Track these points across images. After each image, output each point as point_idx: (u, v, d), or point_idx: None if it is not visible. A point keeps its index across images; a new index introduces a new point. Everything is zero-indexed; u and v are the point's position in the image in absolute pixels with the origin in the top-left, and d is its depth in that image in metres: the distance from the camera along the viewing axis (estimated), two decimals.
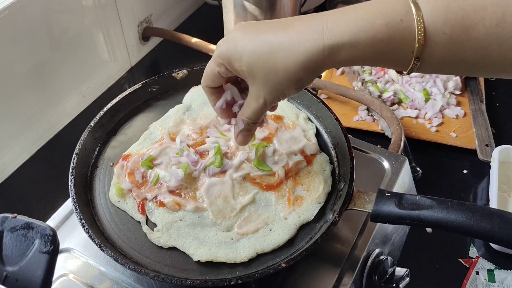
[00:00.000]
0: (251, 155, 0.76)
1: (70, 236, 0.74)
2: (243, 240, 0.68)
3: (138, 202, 0.72)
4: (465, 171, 1.07)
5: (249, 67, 0.57)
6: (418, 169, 1.03)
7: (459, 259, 0.92)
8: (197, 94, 0.87)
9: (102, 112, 0.81)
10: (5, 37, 0.93)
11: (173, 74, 0.89)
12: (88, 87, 1.19)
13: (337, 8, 0.55)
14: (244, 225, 0.70)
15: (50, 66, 1.06)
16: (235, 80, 0.67)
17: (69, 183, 0.71)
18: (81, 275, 0.71)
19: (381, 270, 0.75)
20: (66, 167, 0.73)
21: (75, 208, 0.68)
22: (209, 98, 0.68)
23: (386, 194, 0.66)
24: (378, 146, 0.88)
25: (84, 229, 0.66)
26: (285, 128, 0.82)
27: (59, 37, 1.06)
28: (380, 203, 0.65)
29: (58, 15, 1.04)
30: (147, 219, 0.71)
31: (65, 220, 0.77)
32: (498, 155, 1.01)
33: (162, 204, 0.72)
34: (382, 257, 0.75)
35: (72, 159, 0.74)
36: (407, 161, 0.85)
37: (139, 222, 0.71)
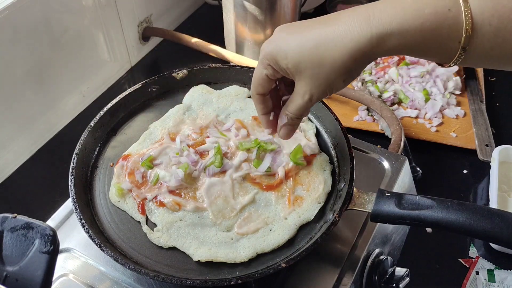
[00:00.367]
0: (251, 155, 0.76)
1: (70, 236, 0.74)
2: (243, 240, 0.68)
3: (138, 202, 0.72)
4: (465, 171, 1.07)
5: (295, 64, 0.57)
6: (418, 169, 1.03)
7: (459, 259, 0.92)
8: (197, 94, 0.87)
9: (102, 112, 0.81)
10: (5, 37, 0.93)
11: (173, 74, 0.89)
12: (88, 87, 1.19)
13: (381, 0, 0.55)
14: (244, 225, 0.70)
15: (50, 66, 1.06)
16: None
17: (69, 183, 0.71)
18: (81, 275, 0.71)
19: (381, 270, 0.75)
20: (66, 167, 0.73)
21: (75, 208, 0.68)
22: (258, 107, 0.68)
23: (386, 194, 0.66)
24: (378, 146, 0.88)
25: (84, 229, 0.66)
26: None
27: (59, 37, 1.06)
28: (380, 203, 0.65)
29: (58, 15, 1.04)
30: (147, 219, 0.71)
31: (65, 220, 0.77)
32: (498, 155, 1.01)
33: (162, 204, 0.72)
34: (382, 257, 0.75)
35: (72, 159, 0.74)
36: (407, 161, 0.86)
37: (139, 222, 0.71)
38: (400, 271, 0.75)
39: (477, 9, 0.51)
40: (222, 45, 1.26)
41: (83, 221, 0.66)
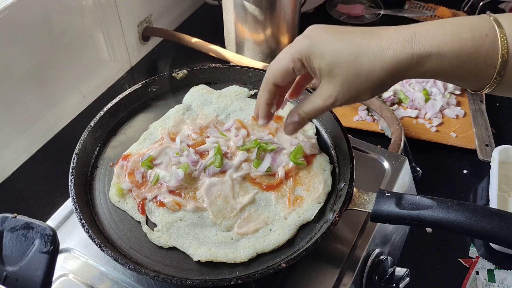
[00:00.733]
0: (251, 155, 0.76)
1: (70, 236, 0.74)
2: (243, 240, 0.68)
3: (138, 202, 0.72)
4: (465, 171, 1.07)
5: (330, 66, 0.57)
6: (418, 169, 1.03)
7: (459, 259, 0.92)
8: (197, 94, 0.87)
9: (102, 112, 0.81)
10: (5, 37, 0.93)
11: (173, 74, 0.89)
12: (88, 87, 1.19)
13: (422, 22, 0.58)
14: (244, 225, 0.70)
15: (50, 66, 1.06)
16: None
17: (69, 183, 0.71)
18: (81, 275, 0.71)
19: (381, 270, 0.75)
20: (66, 167, 0.73)
21: (75, 208, 0.68)
22: (265, 96, 0.66)
23: (386, 194, 0.66)
24: (378, 146, 0.88)
25: (84, 229, 0.66)
26: None
27: (59, 37, 1.06)
28: (380, 203, 0.65)
29: (58, 15, 1.04)
30: (147, 219, 0.71)
31: (65, 220, 0.77)
32: (498, 155, 1.01)
33: (162, 204, 0.72)
34: (382, 257, 0.75)
35: (72, 159, 0.74)
36: (407, 161, 0.86)
37: (139, 222, 0.71)
38: (400, 271, 0.75)
39: None
40: (222, 45, 1.26)
41: (83, 221, 0.67)
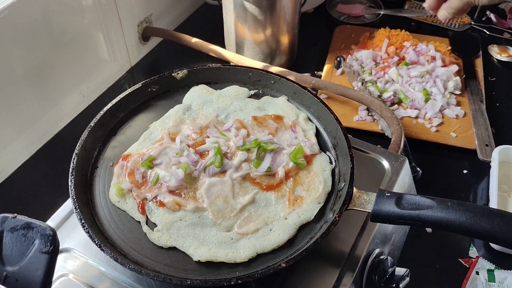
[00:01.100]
0: (251, 155, 0.76)
1: (70, 236, 0.74)
2: (243, 240, 0.68)
3: (138, 202, 0.72)
4: (465, 171, 1.07)
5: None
6: (418, 169, 1.03)
7: (459, 259, 0.92)
8: (197, 94, 0.87)
9: (102, 112, 0.81)
10: (5, 37, 0.93)
11: (173, 74, 0.89)
12: (88, 87, 1.19)
13: None
14: (244, 225, 0.70)
15: (50, 66, 1.06)
16: None
17: (69, 183, 0.71)
18: (81, 275, 0.71)
19: (381, 270, 0.75)
20: (66, 167, 0.73)
21: (75, 208, 0.68)
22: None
23: (386, 194, 0.66)
24: (378, 146, 0.88)
25: (84, 229, 0.66)
26: (285, 128, 0.82)
27: (59, 37, 1.06)
28: (380, 203, 0.65)
29: (58, 15, 1.04)
30: (147, 219, 0.71)
31: (65, 220, 0.77)
32: (498, 155, 1.01)
33: (162, 204, 0.72)
34: (382, 257, 0.75)
35: (72, 159, 0.74)
36: (407, 161, 0.86)
37: (139, 222, 0.71)
38: (400, 271, 0.75)
39: None
40: (222, 45, 1.27)
41: (83, 221, 0.67)
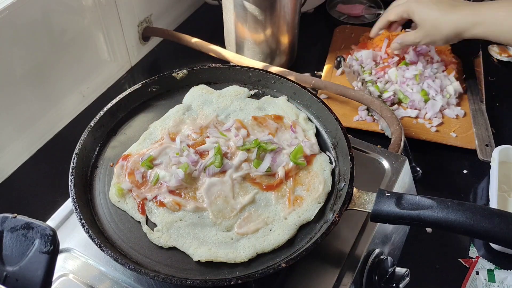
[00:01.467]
0: (251, 155, 0.76)
1: (70, 236, 0.74)
2: (243, 240, 0.68)
3: (138, 202, 0.72)
4: (465, 171, 1.07)
5: (421, 21, 1.09)
6: (418, 169, 1.03)
7: (459, 259, 0.92)
8: (197, 94, 0.87)
9: (102, 112, 0.81)
10: (5, 37, 0.93)
11: (173, 74, 0.89)
12: (88, 87, 1.19)
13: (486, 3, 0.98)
14: (244, 225, 0.70)
15: (50, 66, 1.06)
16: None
17: (69, 183, 0.71)
18: (81, 275, 0.71)
19: (381, 270, 0.75)
20: (66, 167, 0.73)
21: (75, 208, 0.68)
22: (380, 25, 1.20)
23: (386, 194, 0.66)
24: (378, 146, 0.88)
25: (84, 229, 0.66)
26: (285, 128, 0.82)
27: (59, 37, 1.06)
28: (380, 203, 0.65)
29: (58, 15, 1.04)
30: (147, 219, 0.71)
31: (65, 220, 0.77)
32: (498, 155, 1.01)
33: (162, 204, 0.72)
34: (382, 257, 0.75)
35: (72, 159, 0.74)
36: (407, 161, 0.86)
37: (139, 222, 0.71)
38: (400, 271, 0.75)
39: None
40: (222, 45, 1.26)
41: (83, 221, 0.67)
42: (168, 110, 0.85)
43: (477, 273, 0.89)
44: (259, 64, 1.17)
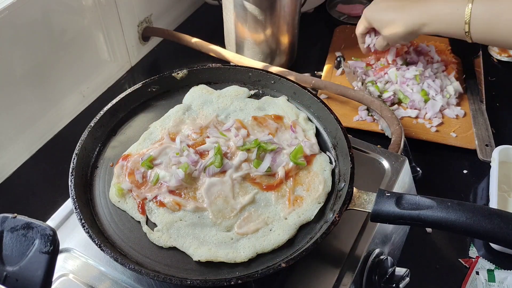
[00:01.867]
0: (251, 155, 0.76)
1: (70, 236, 0.74)
2: (243, 240, 0.68)
3: (138, 202, 0.72)
4: (465, 171, 1.07)
5: (380, 26, 1.13)
6: (418, 169, 1.03)
7: (459, 259, 0.92)
8: (197, 94, 0.87)
9: (102, 112, 0.81)
10: (5, 37, 0.93)
11: (173, 74, 0.89)
12: (88, 87, 1.19)
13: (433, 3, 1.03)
14: (244, 225, 0.70)
15: (50, 66, 1.06)
16: None
17: (69, 183, 0.71)
18: (81, 275, 0.71)
19: (381, 270, 0.75)
20: (66, 167, 0.73)
21: (75, 208, 0.68)
22: (360, 40, 1.24)
23: (386, 194, 0.66)
24: (378, 146, 0.88)
25: (84, 229, 0.66)
26: (285, 128, 0.82)
27: (59, 37, 1.06)
28: (380, 203, 0.65)
29: (58, 15, 1.04)
30: (147, 219, 0.71)
31: (65, 220, 0.77)
32: (498, 155, 1.01)
33: (162, 204, 0.72)
34: (382, 257, 0.75)
35: (72, 159, 0.74)
36: (407, 161, 0.85)
37: (139, 222, 0.71)
38: (400, 271, 0.75)
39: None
40: (222, 45, 1.26)
41: (83, 221, 0.67)
42: (168, 110, 0.85)
43: (477, 273, 0.89)
44: (259, 64, 1.17)
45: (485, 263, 0.91)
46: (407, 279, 0.75)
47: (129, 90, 0.85)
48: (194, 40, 1.25)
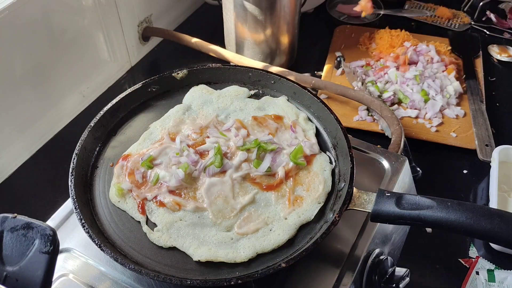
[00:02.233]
0: (251, 155, 0.76)
1: (70, 236, 0.74)
2: (243, 240, 0.68)
3: (138, 202, 0.72)
4: (465, 171, 1.07)
5: None
6: (418, 169, 1.03)
7: (459, 259, 0.92)
8: (197, 94, 0.87)
9: (102, 112, 0.81)
10: (5, 37, 0.93)
11: (173, 74, 0.89)
12: (88, 87, 1.19)
13: None
14: (244, 225, 0.70)
15: (50, 66, 1.06)
16: None
17: (69, 183, 0.71)
18: (81, 275, 0.71)
19: (381, 270, 0.75)
20: (66, 167, 0.73)
21: (75, 208, 0.68)
22: None
23: (386, 194, 0.66)
24: (378, 146, 0.88)
25: (84, 229, 0.66)
26: (285, 128, 0.82)
27: (59, 37, 1.06)
28: (380, 203, 0.65)
29: (58, 15, 1.04)
30: (147, 219, 0.71)
31: (65, 220, 0.77)
32: (498, 155, 1.01)
33: (162, 204, 0.72)
34: (382, 257, 0.75)
35: (72, 159, 0.74)
36: (407, 161, 0.85)
37: (139, 222, 0.71)
38: (400, 271, 0.75)
39: None
40: (222, 45, 1.27)
41: (83, 221, 0.67)
42: (168, 110, 0.85)
43: (477, 273, 0.89)
44: (259, 64, 1.17)
45: (485, 263, 0.91)
46: (407, 279, 0.75)
47: (129, 90, 0.85)
48: (194, 40, 1.25)
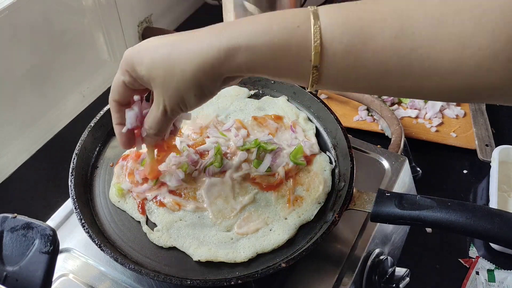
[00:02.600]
0: (251, 155, 0.76)
1: (70, 236, 0.74)
2: (243, 240, 0.68)
3: (138, 202, 0.72)
4: (465, 171, 1.07)
5: (149, 70, 0.55)
6: (418, 169, 1.03)
7: (459, 259, 0.92)
8: None
9: (102, 112, 0.81)
10: (5, 37, 0.93)
11: None
12: (88, 87, 1.19)
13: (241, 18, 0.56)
14: (244, 225, 0.70)
15: (50, 66, 1.06)
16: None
17: (69, 183, 0.71)
18: (81, 275, 0.71)
19: (381, 270, 0.75)
20: (66, 167, 0.73)
21: (75, 208, 0.68)
22: (113, 115, 0.64)
23: (386, 194, 0.66)
24: (378, 146, 0.88)
25: (84, 229, 0.66)
26: (285, 128, 0.82)
27: (59, 37, 1.06)
28: (380, 203, 0.65)
29: (58, 15, 1.04)
30: (147, 219, 0.71)
31: (65, 220, 0.77)
32: (498, 155, 1.01)
33: (162, 204, 0.72)
34: (382, 257, 0.75)
35: (72, 159, 0.74)
36: (407, 161, 0.85)
37: (139, 222, 0.71)
38: (400, 271, 0.75)
39: (328, 27, 0.49)
40: None
41: (83, 221, 0.67)
42: None
43: (477, 273, 0.89)
44: None
45: (485, 263, 0.91)
46: (407, 279, 0.75)
47: None
48: None
